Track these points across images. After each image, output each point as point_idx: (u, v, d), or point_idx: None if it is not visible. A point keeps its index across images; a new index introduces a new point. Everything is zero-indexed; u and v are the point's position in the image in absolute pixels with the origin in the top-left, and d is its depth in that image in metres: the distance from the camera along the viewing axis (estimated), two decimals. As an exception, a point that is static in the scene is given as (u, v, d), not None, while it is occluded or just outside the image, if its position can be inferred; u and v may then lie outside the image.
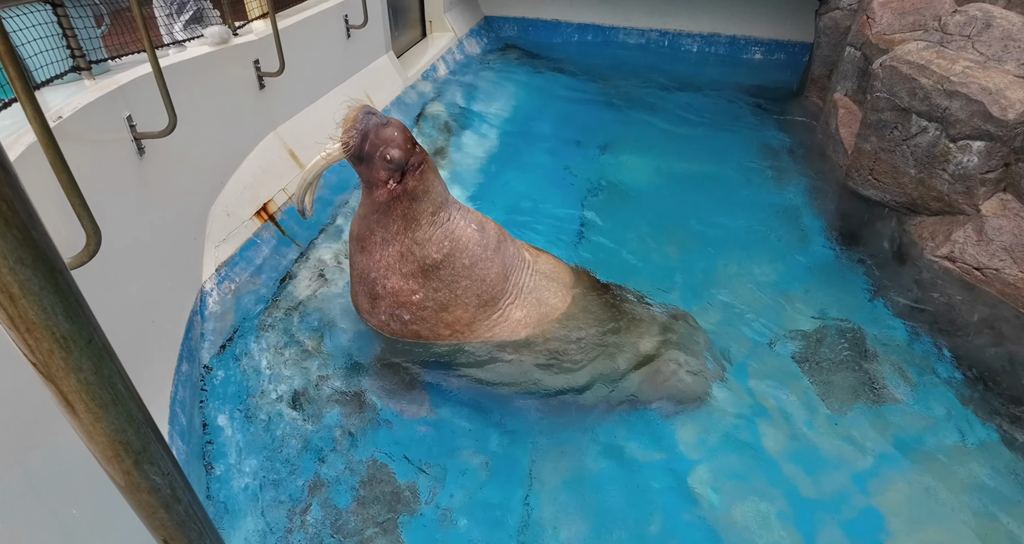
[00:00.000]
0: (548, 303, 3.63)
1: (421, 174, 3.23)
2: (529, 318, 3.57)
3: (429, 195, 3.27)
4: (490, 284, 3.43)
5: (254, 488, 3.19)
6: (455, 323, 3.47)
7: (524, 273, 3.62)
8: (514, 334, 3.54)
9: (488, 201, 5.96)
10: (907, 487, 3.34)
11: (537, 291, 3.62)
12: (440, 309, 3.43)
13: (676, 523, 3.17)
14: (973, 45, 4.58)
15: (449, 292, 3.38)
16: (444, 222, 3.31)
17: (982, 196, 4.35)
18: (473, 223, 3.42)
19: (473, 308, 3.45)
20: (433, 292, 3.38)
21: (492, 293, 3.45)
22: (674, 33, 10.92)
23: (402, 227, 3.28)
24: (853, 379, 3.97)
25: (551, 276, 3.75)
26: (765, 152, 7.13)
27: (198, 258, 4.01)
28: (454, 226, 3.33)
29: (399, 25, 8.34)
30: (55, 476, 2.17)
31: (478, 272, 3.38)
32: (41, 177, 2.28)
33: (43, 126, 1.88)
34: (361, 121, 3.18)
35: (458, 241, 3.32)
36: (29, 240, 0.68)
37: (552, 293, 3.67)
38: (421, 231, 3.28)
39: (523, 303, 3.57)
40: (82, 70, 3.39)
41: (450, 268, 3.33)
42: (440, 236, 3.30)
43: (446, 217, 3.33)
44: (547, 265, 3.80)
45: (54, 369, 0.76)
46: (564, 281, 3.81)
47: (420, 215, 3.27)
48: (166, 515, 0.99)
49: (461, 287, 3.38)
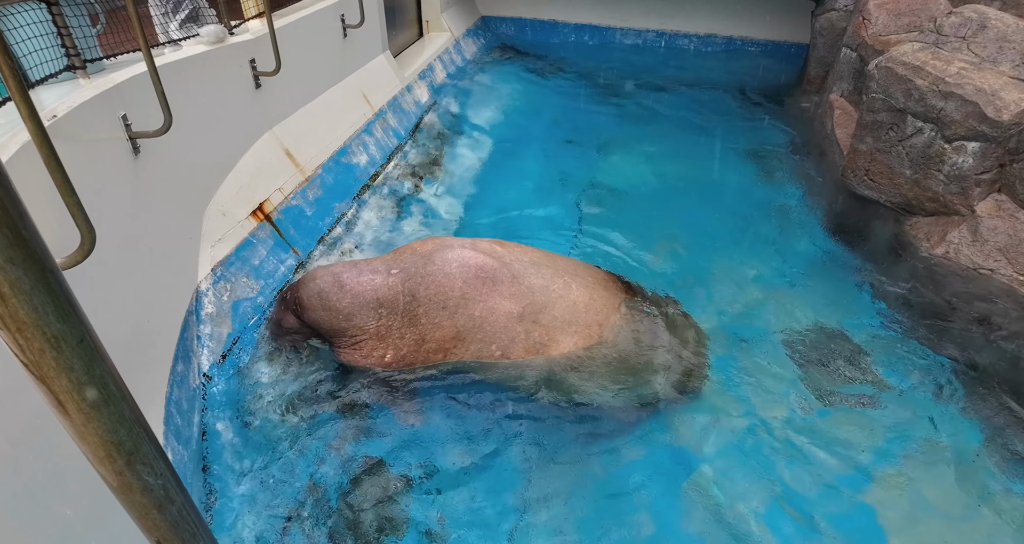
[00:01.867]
0: (542, 290, 3.54)
1: (301, 304, 3.56)
2: (522, 309, 3.48)
3: (325, 305, 3.51)
4: (446, 292, 3.44)
5: (249, 490, 3.18)
6: (441, 345, 3.49)
7: (497, 260, 3.55)
8: (509, 329, 3.47)
9: (484, 203, 5.96)
10: (901, 481, 3.35)
11: (525, 278, 3.54)
12: (418, 344, 3.49)
13: (669, 525, 3.17)
14: (968, 46, 4.59)
15: (414, 328, 3.47)
16: (371, 299, 3.47)
17: (977, 197, 4.37)
18: (393, 268, 3.54)
19: (448, 321, 3.45)
20: (400, 340, 3.49)
21: (456, 294, 3.43)
22: (671, 33, 10.94)
23: (338, 333, 3.56)
24: (848, 377, 3.98)
25: (541, 264, 3.66)
26: (761, 153, 7.14)
27: (193, 258, 4.00)
28: (378, 289, 3.48)
29: (396, 25, 8.33)
30: (48, 477, 2.16)
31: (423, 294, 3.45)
32: (35, 176, 2.27)
33: (37, 125, 1.87)
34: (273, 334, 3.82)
35: (388, 296, 3.48)
36: (19, 240, 0.67)
37: (547, 279, 3.58)
38: (354, 321, 3.50)
39: (507, 292, 3.48)
40: (77, 69, 3.38)
41: (399, 315, 3.47)
42: (373, 309, 3.48)
43: (365, 292, 3.49)
44: (533, 255, 3.73)
45: (45, 369, 0.76)
46: (564, 268, 3.72)
47: (338, 320, 3.50)
48: (159, 516, 0.98)
49: (421, 316, 3.46)
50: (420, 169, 6.56)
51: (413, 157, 6.74)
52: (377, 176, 6.22)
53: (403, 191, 6.12)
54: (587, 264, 4.00)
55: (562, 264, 3.78)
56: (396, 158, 6.64)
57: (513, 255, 3.64)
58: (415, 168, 6.56)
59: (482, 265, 3.49)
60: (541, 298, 3.50)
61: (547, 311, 3.50)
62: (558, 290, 3.57)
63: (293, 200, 5.01)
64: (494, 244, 3.72)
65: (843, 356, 4.14)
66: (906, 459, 3.48)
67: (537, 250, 3.85)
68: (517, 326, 3.46)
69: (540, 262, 3.67)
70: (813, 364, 4.08)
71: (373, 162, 6.29)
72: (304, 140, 5.49)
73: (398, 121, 7.07)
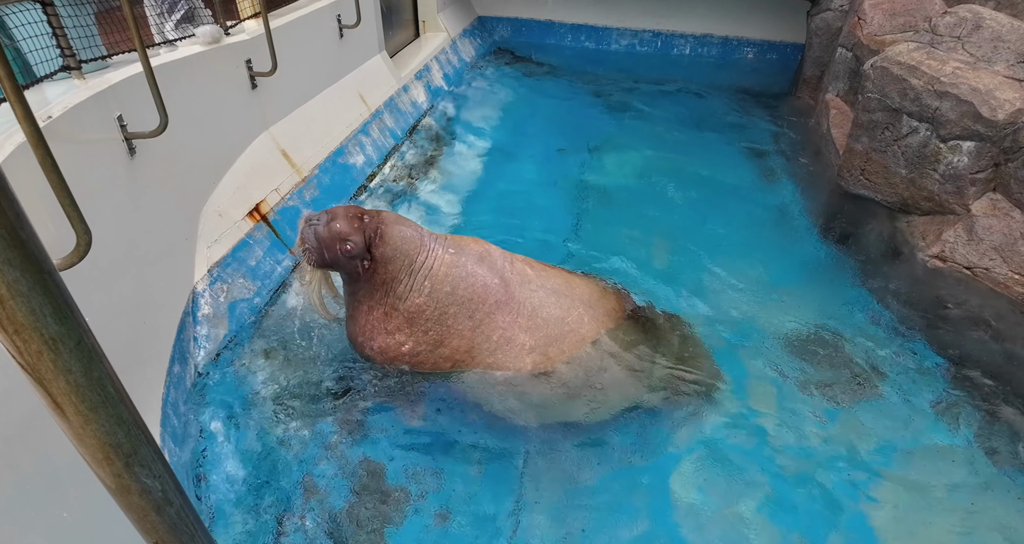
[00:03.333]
0: (558, 322, 3.50)
1: (382, 237, 3.26)
2: (535, 340, 3.44)
3: (400, 251, 3.29)
4: (479, 301, 3.36)
5: (247, 491, 3.17)
6: (453, 354, 3.44)
7: (525, 289, 3.49)
8: (518, 360, 3.44)
9: (480, 207, 5.96)
10: (896, 483, 3.36)
11: (544, 309, 3.48)
12: (435, 347, 3.42)
13: (666, 526, 3.17)
14: (963, 46, 4.61)
15: (440, 326, 3.37)
16: (422, 265, 3.33)
17: (972, 196, 4.38)
18: (450, 248, 3.40)
19: (469, 332, 3.39)
20: (423, 335, 3.39)
21: (484, 310, 3.37)
22: (667, 34, 10.95)
23: (384, 291, 3.34)
24: (844, 377, 3.99)
25: (562, 292, 3.60)
26: (757, 152, 7.16)
27: (190, 259, 3.99)
28: (431, 262, 3.34)
29: (392, 25, 8.32)
30: (44, 478, 2.15)
31: (462, 293, 3.33)
32: (31, 177, 2.26)
33: (33, 126, 1.87)
34: (308, 236, 3.21)
35: (436, 275, 3.32)
36: (17, 241, 0.67)
37: (563, 311, 3.53)
38: (402, 286, 3.32)
39: (528, 324, 3.44)
40: (72, 69, 3.37)
41: (434, 304, 3.33)
42: (420, 280, 3.32)
43: (423, 259, 3.33)
44: (556, 281, 3.66)
45: (43, 371, 0.76)
46: (581, 297, 3.65)
47: (399, 272, 3.30)
48: (157, 518, 0.98)
49: (450, 316, 3.36)
50: (417, 170, 6.56)
51: (410, 158, 6.74)
52: (374, 177, 6.22)
53: (400, 192, 6.12)
54: (603, 290, 3.93)
55: (579, 293, 3.71)
56: (393, 158, 6.63)
57: (540, 280, 3.61)
58: (412, 169, 6.55)
59: (513, 294, 3.45)
60: (555, 331, 3.51)
61: (557, 345, 3.51)
62: (572, 323, 3.56)
63: (290, 201, 5.00)
64: (526, 265, 3.66)
65: (837, 357, 4.15)
66: (900, 460, 3.49)
67: (561, 274, 3.80)
68: (527, 357, 3.47)
69: (561, 291, 3.63)
70: (807, 366, 4.09)
71: (370, 162, 6.29)
72: (301, 141, 5.48)
73: (395, 122, 7.06)
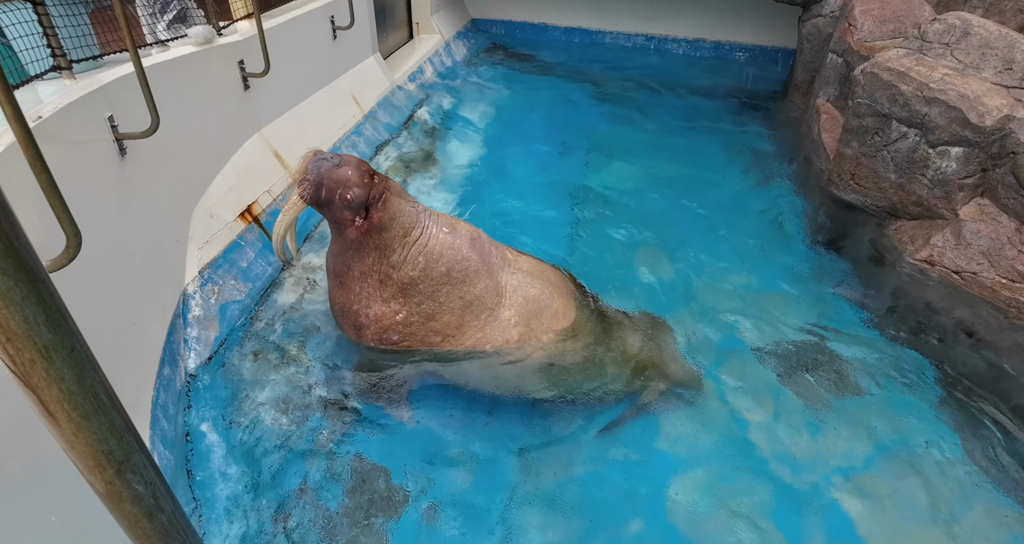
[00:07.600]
0: (536, 300, 3.65)
1: (385, 204, 3.24)
2: (518, 316, 3.58)
3: (397, 220, 3.28)
4: (471, 283, 3.44)
5: (238, 494, 3.16)
6: (444, 329, 3.48)
7: (506, 271, 3.64)
8: (505, 333, 3.55)
9: (475, 206, 5.96)
10: (880, 488, 3.39)
11: (523, 289, 3.64)
12: (427, 320, 3.45)
13: (658, 526, 3.19)
14: (952, 53, 4.66)
15: (432, 302, 3.41)
16: (416, 239, 3.33)
17: (960, 201, 4.43)
18: (444, 227, 3.44)
19: (459, 310, 3.46)
20: (416, 306, 3.41)
21: (475, 292, 3.46)
22: (660, 38, 11.00)
23: (377, 258, 3.31)
24: (831, 382, 4.02)
25: (534, 274, 3.77)
26: (748, 157, 7.20)
27: (181, 260, 3.97)
28: (426, 239, 3.35)
29: (386, 27, 8.31)
30: (34, 483, 2.13)
31: (456, 275, 3.39)
32: (20, 178, 2.24)
33: (23, 126, 1.85)
34: (312, 169, 3.15)
35: (431, 252, 3.34)
36: (11, 250, 0.66)
37: (538, 290, 3.69)
38: (395, 255, 3.31)
39: (510, 302, 3.58)
40: (62, 69, 3.34)
41: (428, 280, 3.35)
42: (414, 254, 3.32)
43: (418, 234, 3.34)
44: (528, 264, 3.83)
45: (36, 379, 0.75)
46: (549, 279, 3.84)
47: (392, 241, 3.29)
48: (149, 525, 0.98)
49: (443, 294, 3.40)
50: (410, 169, 6.55)
51: (404, 157, 6.72)
52: (366, 178, 6.19)
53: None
54: (562, 274, 4.11)
55: (548, 275, 3.89)
56: (387, 158, 6.62)
57: (518, 264, 3.75)
58: (406, 168, 6.54)
59: (498, 276, 3.57)
60: (534, 307, 3.65)
61: (537, 318, 3.65)
62: (546, 300, 3.70)
63: (282, 202, 4.98)
64: (506, 251, 3.80)
65: (825, 363, 4.18)
66: (886, 466, 3.51)
67: (531, 259, 3.96)
68: (512, 330, 3.56)
69: (534, 273, 3.78)
70: (795, 371, 4.12)
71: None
72: (293, 142, 5.46)
73: (388, 122, 7.05)
